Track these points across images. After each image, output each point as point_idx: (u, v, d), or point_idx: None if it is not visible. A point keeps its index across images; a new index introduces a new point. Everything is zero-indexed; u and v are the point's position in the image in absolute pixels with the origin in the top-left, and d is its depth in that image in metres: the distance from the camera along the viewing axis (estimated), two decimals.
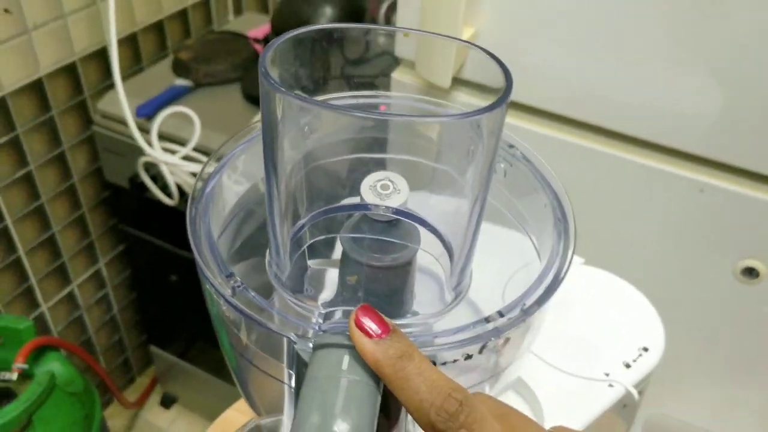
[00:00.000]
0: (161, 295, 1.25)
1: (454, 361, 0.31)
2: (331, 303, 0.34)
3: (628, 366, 0.44)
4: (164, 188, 0.97)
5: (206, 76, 1.02)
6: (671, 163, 0.61)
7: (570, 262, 0.34)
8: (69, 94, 1.04)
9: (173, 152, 0.93)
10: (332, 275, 0.35)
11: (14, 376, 0.96)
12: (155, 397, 1.42)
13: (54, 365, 1.02)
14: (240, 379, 0.39)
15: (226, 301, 0.31)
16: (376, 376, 0.28)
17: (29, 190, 1.05)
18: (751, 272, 0.62)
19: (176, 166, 0.92)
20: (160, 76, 1.08)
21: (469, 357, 0.31)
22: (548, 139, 0.66)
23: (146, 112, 0.97)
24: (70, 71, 1.03)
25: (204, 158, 0.94)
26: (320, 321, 0.31)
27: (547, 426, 0.40)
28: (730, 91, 0.57)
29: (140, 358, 1.44)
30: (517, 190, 0.40)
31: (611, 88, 0.61)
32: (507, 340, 0.32)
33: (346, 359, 0.28)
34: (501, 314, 0.31)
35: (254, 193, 0.39)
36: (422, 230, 0.34)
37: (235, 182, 0.38)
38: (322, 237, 0.36)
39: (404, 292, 0.35)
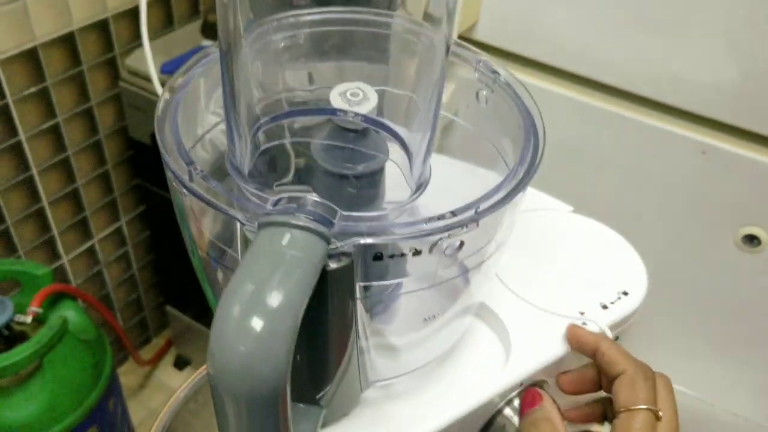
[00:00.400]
0: (179, 257, 1.27)
1: (402, 255, 0.31)
2: (284, 190, 0.34)
3: (605, 307, 0.43)
4: None
5: None
6: (673, 123, 0.60)
7: (532, 174, 0.33)
8: (100, 50, 1.07)
9: None
10: (295, 168, 0.35)
11: (28, 319, 0.99)
12: (169, 358, 1.44)
13: (68, 313, 1.05)
14: (205, 280, 0.39)
15: (183, 185, 0.32)
16: (317, 256, 0.28)
17: (56, 141, 1.08)
18: (752, 240, 0.60)
19: None
20: (190, 37, 1.10)
21: (417, 253, 0.31)
22: (553, 94, 0.66)
23: (170, 70, 0.99)
24: (102, 27, 1.05)
25: None
26: (271, 206, 0.32)
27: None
28: (736, 52, 0.55)
29: (157, 319, 1.46)
30: (496, 116, 0.40)
31: (615, 46, 0.60)
32: (461, 244, 0.32)
33: (288, 236, 0.28)
34: (454, 214, 0.31)
35: None
36: (386, 136, 0.34)
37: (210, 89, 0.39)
38: (287, 141, 0.36)
39: (375, 196, 0.35)
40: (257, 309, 0.26)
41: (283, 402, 0.27)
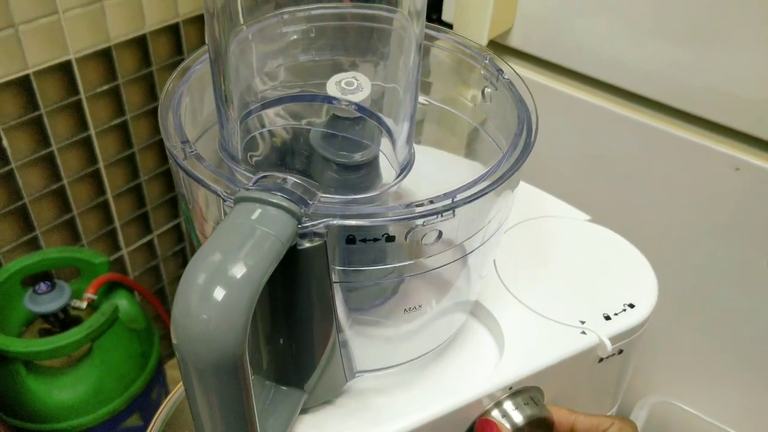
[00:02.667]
0: None
1: (375, 239, 0.31)
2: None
3: (607, 318, 0.42)
4: None
5: None
6: (705, 136, 0.58)
7: (517, 170, 0.33)
8: (169, 53, 1.12)
9: None
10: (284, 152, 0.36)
11: (83, 304, 1.04)
12: None
13: (121, 302, 1.10)
14: None
15: (177, 163, 0.33)
16: (286, 233, 0.29)
17: (123, 137, 1.13)
18: None
19: None
20: None
21: (390, 238, 0.31)
22: (584, 103, 0.65)
23: None
24: (173, 31, 1.10)
25: None
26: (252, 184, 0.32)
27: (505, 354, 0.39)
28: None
29: None
30: (498, 113, 0.40)
31: (649, 56, 0.59)
32: (439, 234, 0.32)
33: (259, 211, 0.29)
34: (431, 201, 0.31)
35: None
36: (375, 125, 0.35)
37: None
38: (280, 126, 0.37)
39: (371, 185, 0.36)
40: (221, 279, 0.27)
41: (243, 372, 0.28)
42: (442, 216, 0.31)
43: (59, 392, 1.02)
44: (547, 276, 0.45)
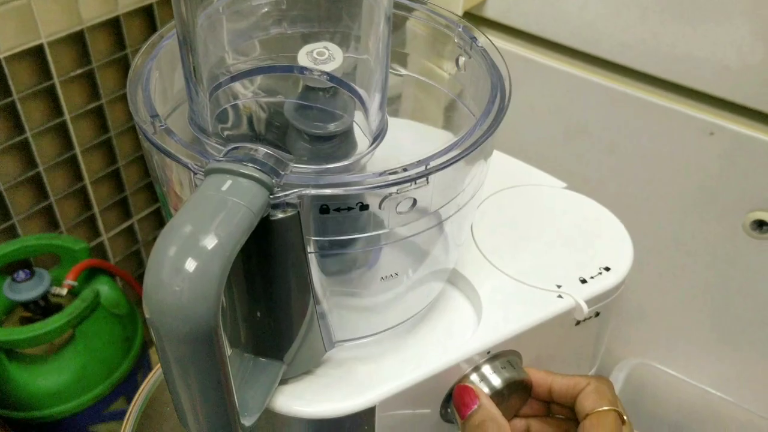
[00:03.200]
0: None
1: (349, 209, 0.31)
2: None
3: (583, 281, 0.43)
4: None
5: None
6: (680, 102, 0.58)
7: (490, 136, 0.33)
8: (145, 34, 1.11)
9: None
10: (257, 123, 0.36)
11: (63, 291, 1.03)
12: None
13: (102, 288, 1.09)
14: None
15: (147, 138, 0.33)
16: (257, 204, 0.29)
17: (99, 122, 1.12)
18: (761, 226, 0.58)
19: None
20: None
21: (365, 207, 0.31)
22: (560, 72, 0.65)
23: None
24: (147, 13, 1.09)
25: None
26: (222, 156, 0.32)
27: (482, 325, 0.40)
28: (747, 30, 0.54)
29: None
30: (473, 82, 0.40)
31: (624, 25, 0.59)
32: (413, 202, 0.32)
33: (229, 182, 0.29)
34: (405, 169, 0.31)
35: None
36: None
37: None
38: (251, 98, 0.37)
39: (346, 155, 0.36)
40: (192, 250, 0.27)
41: (218, 342, 0.28)
42: (416, 183, 0.31)
43: (43, 380, 1.01)
44: (523, 243, 0.45)
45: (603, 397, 0.38)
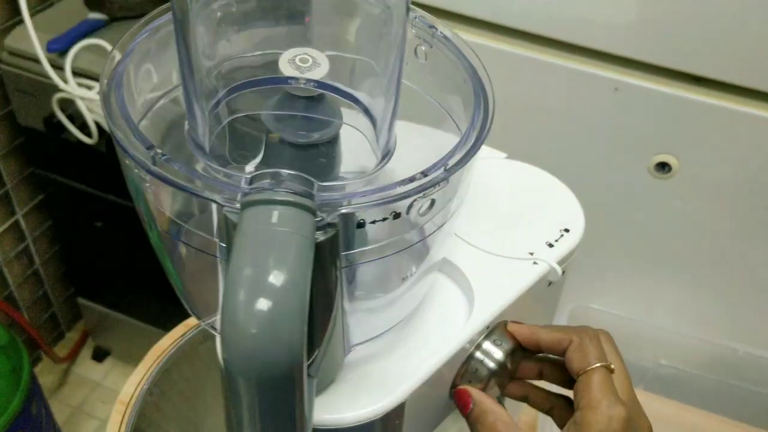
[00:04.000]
0: (87, 243, 1.22)
1: (384, 219, 0.31)
2: (257, 168, 0.33)
3: (550, 245, 0.46)
4: (83, 128, 0.94)
5: (122, 9, 0.98)
6: (586, 63, 0.63)
7: (490, 125, 0.35)
8: (8, 14, 0.99)
9: (90, 88, 0.90)
10: (255, 142, 0.35)
11: None
12: (87, 352, 1.39)
13: None
14: (176, 276, 0.38)
15: (148, 171, 0.30)
16: (308, 229, 0.28)
17: None
18: (663, 167, 0.65)
19: (94, 102, 0.89)
20: (72, 10, 1.03)
21: (397, 216, 0.32)
22: (468, 43, 0.67)
23: (58, 47, 0.92)
24: None
25: None
26: (246, 184, 0.31)
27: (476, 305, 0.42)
28: None
29: (68, 313, 1.40)
30: (438, 72, 0.41)
31: None
32: (432, 202, 0.33)
33: (276, 213, 0.28)
34: (425, 174, 0.32)
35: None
36: (344, 102, 0.34)
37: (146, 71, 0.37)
38: (242, 114, 0.35)
39: (333, 164, 0.35)
40: (261, 290, 0.26)
41: (299, 382, 0.28)
42: (439, 185, 0.32)
43: None
44: (486, 216, 0.48)
45: (587, 354, 0.40)
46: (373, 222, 0.31)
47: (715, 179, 0.66)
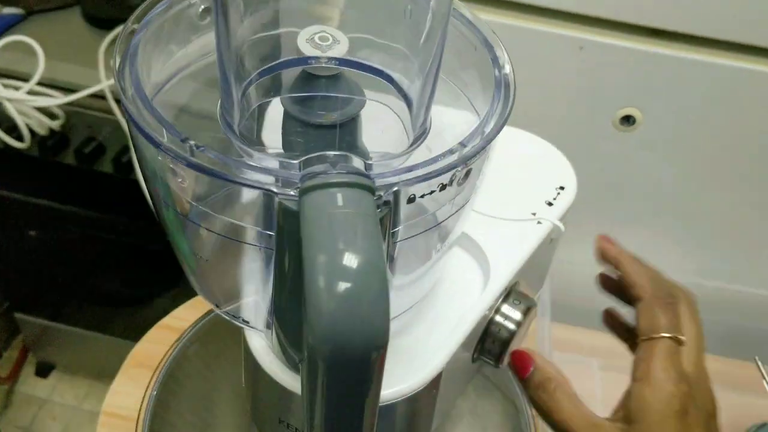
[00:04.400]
0: (20, 254, 1.15)
1: (431, 192, 0.32)
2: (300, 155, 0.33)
3: (550, 204, 0.47)
4: (11, 131, 0.88)
5: (39, 2, 0.92)
6: (552, 24, 0.65)
7: (514, 93, 0.35)
8: None
9: (16, 89, 0.84)
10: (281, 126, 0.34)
11: None
12: (29, 368, 1.32)
13: None
14: (197, 269, 0.37)
15: (189, 164, 0.29)
16: (371, 208, 0.28)
17: None
18: (628, 120, 0.68)
19: (23, 103, 0.83)
20: None
21: (443, 187, 0.32)
22: None
23: None
24: None
25: (53, 92, 0.86)
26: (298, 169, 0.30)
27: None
28: None
29: (5, 329, 1.33)
30: (450, 46, 0.41)
31: None
32: (468, 172, 0.33)
33: (340, 196, 0.28)
34: (463, 144, 0.32)
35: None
36: (374, 78, 0.34)
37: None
38: (269, 99, 0.35)
39: (355, 144, 0.35)
40: (341, 275, 0.26)
41: (382, 365, 0.28)
42: (478, 155, 0.32)
43: None
44: (487, 182, 0.48)
45: (656, 319, 0.38)
46: (422, 196, 0.31)
47: (678, 129, 0.70)
